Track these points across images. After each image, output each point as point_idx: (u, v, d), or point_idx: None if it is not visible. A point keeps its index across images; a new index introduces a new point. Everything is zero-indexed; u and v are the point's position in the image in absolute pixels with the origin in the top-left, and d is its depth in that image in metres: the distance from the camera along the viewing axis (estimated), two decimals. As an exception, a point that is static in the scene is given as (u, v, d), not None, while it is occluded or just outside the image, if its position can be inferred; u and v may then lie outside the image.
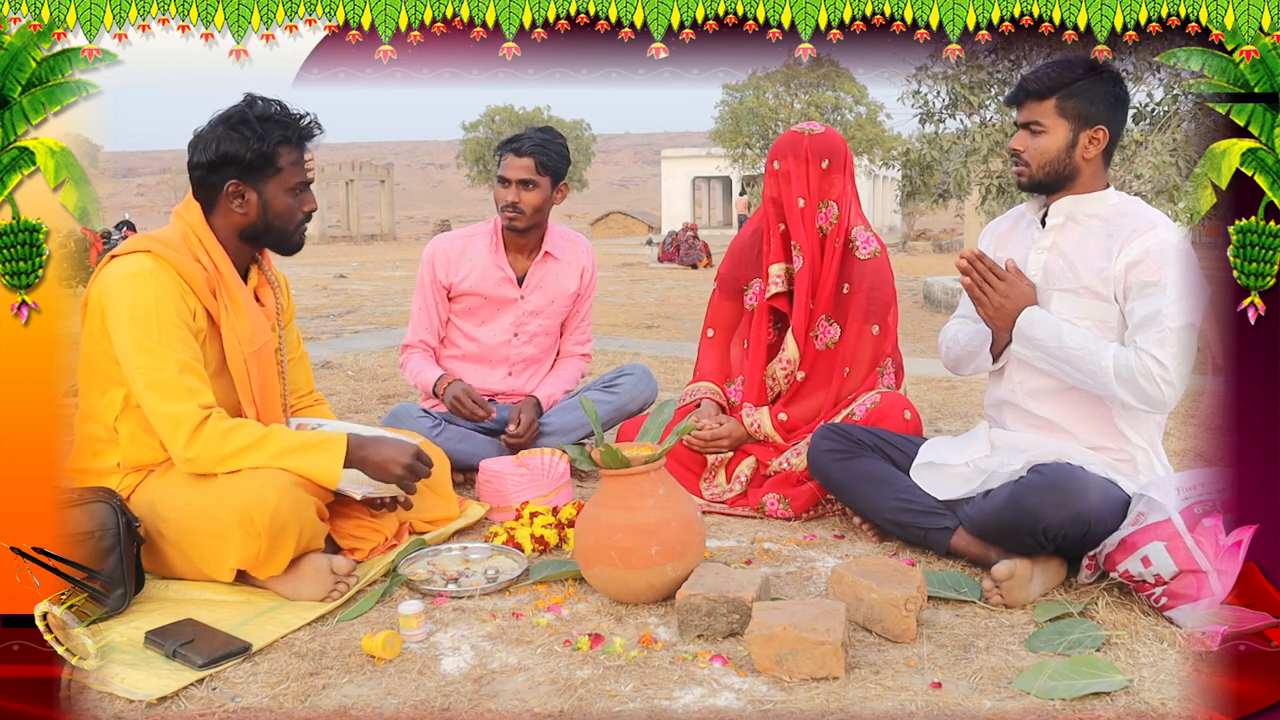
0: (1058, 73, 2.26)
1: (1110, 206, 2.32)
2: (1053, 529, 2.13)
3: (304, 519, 2.19)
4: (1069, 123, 2.27)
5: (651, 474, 2.17)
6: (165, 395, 2.14)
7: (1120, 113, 2.30)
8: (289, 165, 2.28)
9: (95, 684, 1.81)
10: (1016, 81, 2.35)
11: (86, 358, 2.25)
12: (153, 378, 2.14)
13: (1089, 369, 2.22)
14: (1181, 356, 2.15)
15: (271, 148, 2.24)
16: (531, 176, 3.15)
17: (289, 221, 2.33)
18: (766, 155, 3.20)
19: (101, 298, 2.20)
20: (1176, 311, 2.15)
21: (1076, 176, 2.31)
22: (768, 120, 26.69)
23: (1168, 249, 2.19)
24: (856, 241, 2.99)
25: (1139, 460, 2.30)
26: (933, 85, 8.76)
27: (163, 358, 2.14)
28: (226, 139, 2.24)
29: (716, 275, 3.25)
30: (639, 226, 41.09)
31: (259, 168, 2.26)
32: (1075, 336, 2.24)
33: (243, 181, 2.26)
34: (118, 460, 2.26)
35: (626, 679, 1.83)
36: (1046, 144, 2.29)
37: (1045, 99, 2.27)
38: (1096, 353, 2.21)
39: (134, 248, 2.23)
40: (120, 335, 2.15)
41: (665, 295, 11.19)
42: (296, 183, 2.30)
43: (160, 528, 2.18)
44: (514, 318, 3.31)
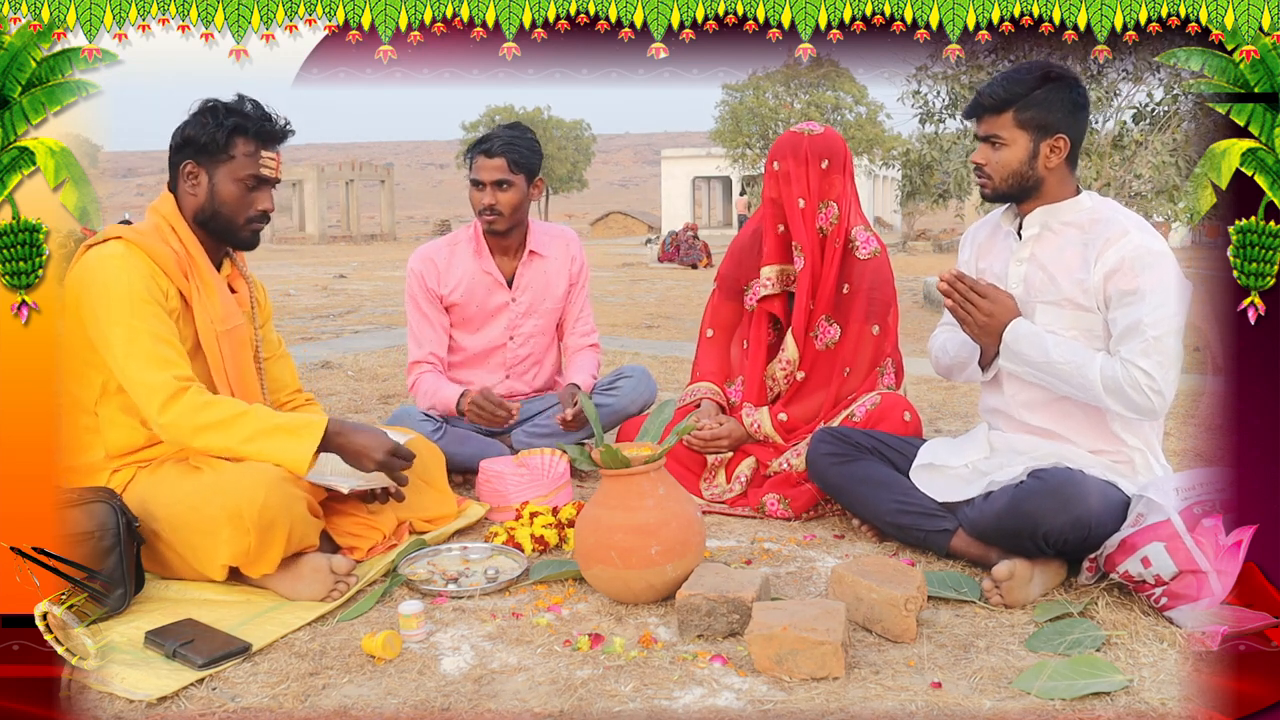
0: (1013, 84, 2.25)
1: (1084, 212, 2.30)
2: (1053, 534, 2.13)
3: (294, 514, 2.18)
4: (1028, 134, 2.25)
5: (651, 474, 2.17)
6: (143, 364, 2.18)
7: (1079, 118, 2.28)
8: (242, 155, 2.32)
9: (95, 684, 1.81)
10: (975, 95, 2.34)
11: (68, 349, 2.26)
12: (130, 349, 2.18)
13: (1077, 382, 2.22)
14: (1168, 364, 2.14)
15: (226, 134, 2.30)
16: (505, 176, 3.11)
17: (236, 211, 2.35)
18: (766, 155, 3.17)
19: (77, 284, 2.23)
20: (1158, 319, 2.14)
21: (1041, 186, 2.30)
22: (768, 120, 26.70)
23: (1143, 254, 2.17)
24: (856, 241, 2.99)
25: (1136, 462, 2.30)
26: (933, 85, 8.76)
27: (138, 331, 2.19)
28: (191, 123, 2.33)
29: (716, 275, 3.25)
30: (639, 226, 41.10)
31: (211, 151, 2.31)
32: (1062, 350, 2.23)
33: (196, 163, 2.33)
34: (103, 451, 2.27)
35: (626, 679, 1.83)
36: (1008, 157, 2.28)
37: (1002, 112, 2.26)
38: (1083, 365, 2.21)
39: (105, 236, 2.28)
40: (96, 316, 2.19)
41: (665, 295, 11.19)
42: (248, 174, 2.33)
43: (153, 526, 2.19)
44: (507, 321, 3.28)
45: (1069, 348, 2.24)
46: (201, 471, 2.22)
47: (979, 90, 2.32)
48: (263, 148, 2.34)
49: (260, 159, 2.34)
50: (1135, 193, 8.55)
